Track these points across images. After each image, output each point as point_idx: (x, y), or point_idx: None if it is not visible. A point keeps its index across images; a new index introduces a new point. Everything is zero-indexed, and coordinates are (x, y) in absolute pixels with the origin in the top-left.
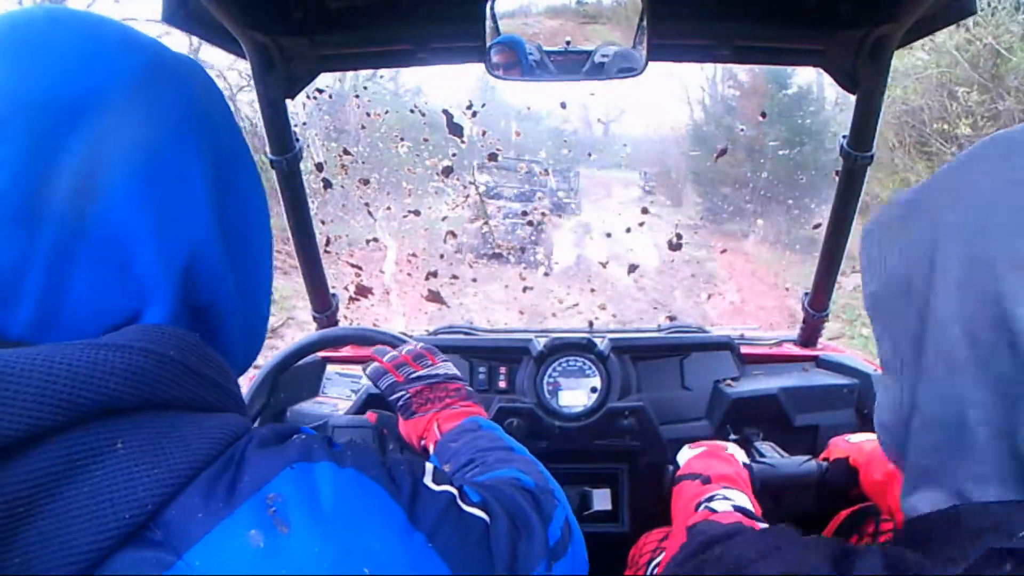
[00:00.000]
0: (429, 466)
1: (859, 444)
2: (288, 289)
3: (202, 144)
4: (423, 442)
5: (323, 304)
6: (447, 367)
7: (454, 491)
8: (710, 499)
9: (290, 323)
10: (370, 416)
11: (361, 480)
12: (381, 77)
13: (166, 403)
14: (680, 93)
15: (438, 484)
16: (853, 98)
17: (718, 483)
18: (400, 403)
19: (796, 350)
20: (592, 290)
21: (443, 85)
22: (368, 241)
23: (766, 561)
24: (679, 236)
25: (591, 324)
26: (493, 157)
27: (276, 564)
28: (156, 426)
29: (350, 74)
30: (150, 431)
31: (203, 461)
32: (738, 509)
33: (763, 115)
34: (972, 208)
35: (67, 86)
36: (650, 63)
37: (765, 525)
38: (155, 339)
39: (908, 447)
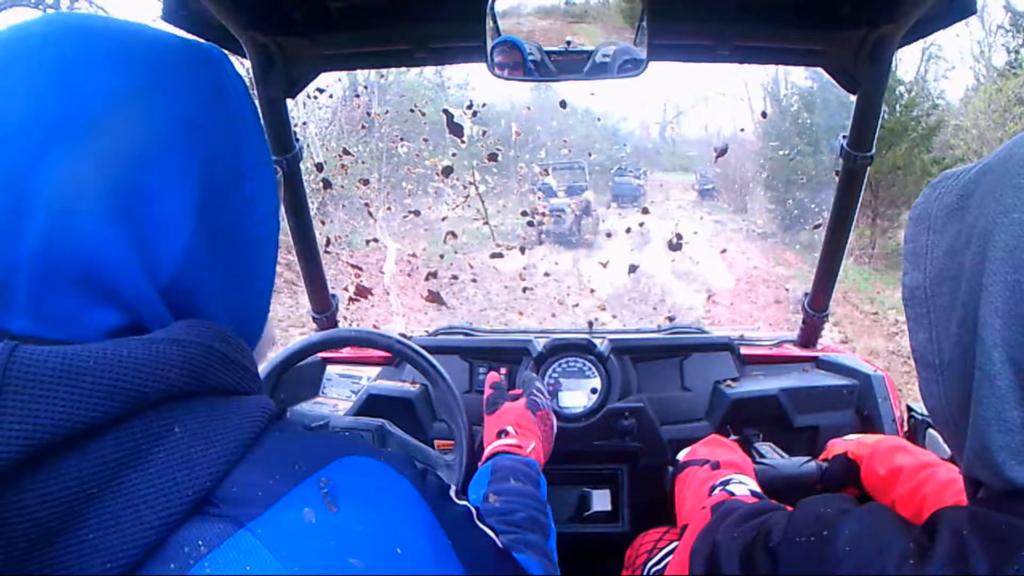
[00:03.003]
0: (452, 486)
1: (859, 439)
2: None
3: (192, 157)
4: (507, 430)
5: (323, 305)
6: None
7: (472, 509)
8: (726, 482)
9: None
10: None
11: (397, 477)
12: (420, 73)
13: (211, 389)
14: (741, 90)
15: (459, 499)
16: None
17: (728, 468)
18: (531, 399)
19: (796, 351)
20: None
21: (488, 79)
22: (368, 241)
23: (847, 518)
24: (679, 236)
25: (591, 325)
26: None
27: (326, 536)
28: (205, 410)
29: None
30: (201, 415)
31: (249, 439)
32: (755, 494)
33: (763, 115)
34: (1018, 226)
35: (43, 109)
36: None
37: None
38: (202, 333)
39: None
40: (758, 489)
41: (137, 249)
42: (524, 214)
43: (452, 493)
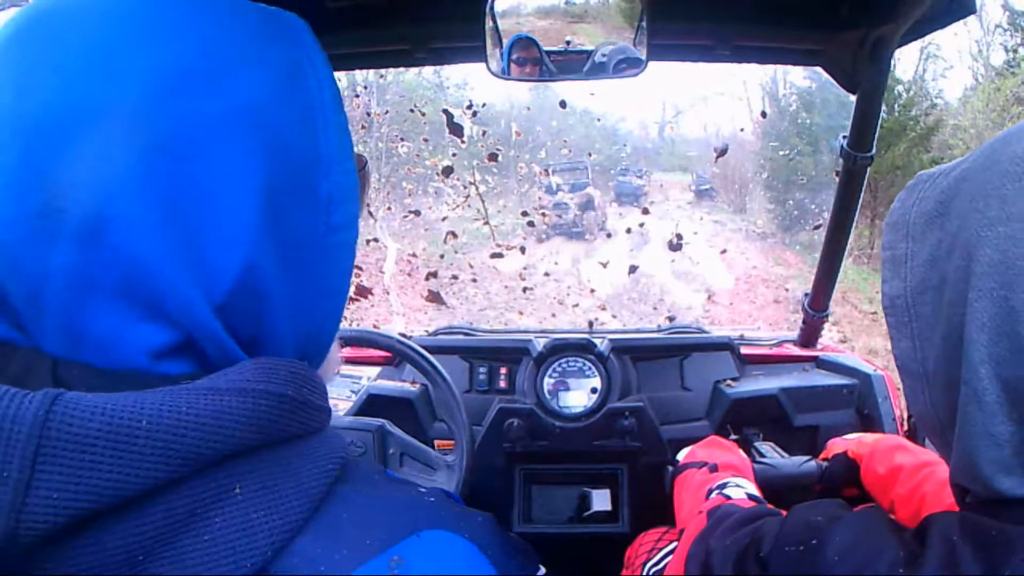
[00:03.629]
0: (542, 569)
1: (859, 438)
2: None
3: (256, 151)
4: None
5: None
6: None
7: None
8: (723, 486)
9: None
10: None
11: (474, 553)
12: (419, 73)
13: (280, 440)
14: (740, 90)
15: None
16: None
17: (726, 471)
18: None
19: (796, 350)
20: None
21: (487, 79)
22: (368, 241)
23: (837, 525)
24: (679, 236)
25: (591, 325)
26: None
27: None
28: (271, 464)
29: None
30: (265, 470)
31: (319, 497)
32: (752, 497)
33: (763, 115)
34: (1010, 239)
35: (64, 98)
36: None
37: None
38: (273, 378)
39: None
40: (756, 492)
41: (188, 259)
42: (524, 214)
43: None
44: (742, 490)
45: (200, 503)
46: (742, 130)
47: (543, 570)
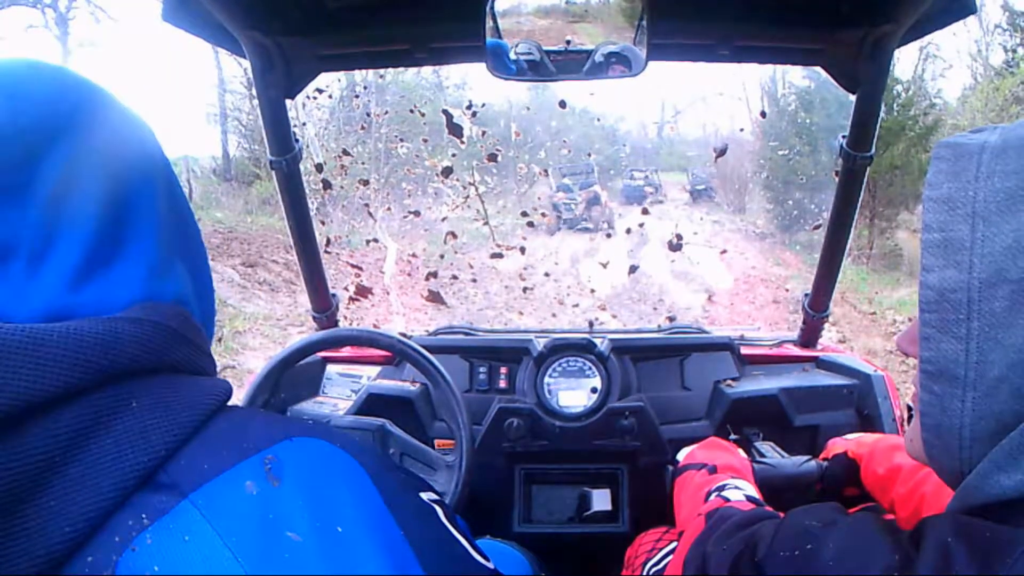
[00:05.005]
0: (433, 494)
1: (858, 438)
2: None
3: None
4: None
5: (323, 304)
6: None
7: (437, 507)
8: (721, 488)
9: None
10: None
11: (349, 460)
12: (418, 72)
13: (169, 367)
14: (738, 90)
15: (427, 497)
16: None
17: (725, 472)
18: None
19: (796, 350)
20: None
21: (486, 79)
22: (368, 241)
23: (832, 530)
24: (679, 236)
25: (591, 324)
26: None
27: (265, 508)
28: (163, 387)
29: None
30: (158, 391)
31: (204, 415)
32: (750, 499)
33: (763, 114)
34: None
35: (42, 119)
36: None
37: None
38: (159, 313)
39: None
40: (755, 493)
41: (125, 241)
42: (524, 214)
43: (423, 493)
44: (741, 492)
45: (103, 411)
46: (741, 130)
47: (435, 495)
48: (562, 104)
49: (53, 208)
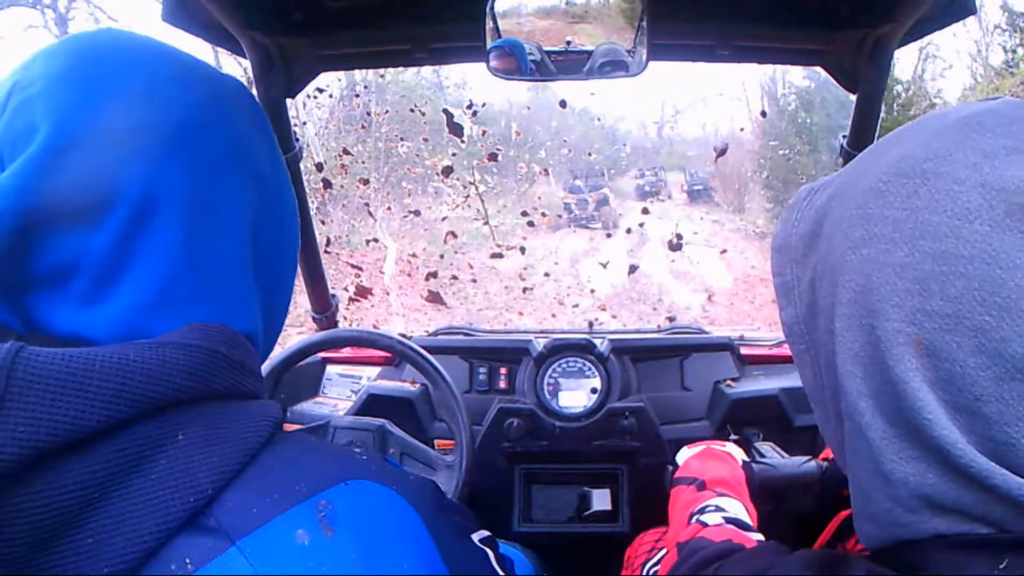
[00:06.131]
0: (484, 532)
1: None
2: None
3: (242, 176)
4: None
5: (323, 305)
6: None
7: (490, 552)
8: (703, 510)
9: None
10: None
11: (406, 508)
12: (418, 72)
13: (217, 394)
14: (738, 91)
15: (479, 541)
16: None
17: (712, 488)
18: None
19: None
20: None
21: (486, 79)
22: (368, 241)
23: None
24: (679, 236)
25: (591, 325)
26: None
27: (317, 561)
28: (210, 416)
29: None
30: (206, 421)
31: (254, 449)
32: (730, 521)
33: (763, 114)
34: (873, 262)
35: (130, 119)
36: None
37: (758, 536)
38: (209, 337)
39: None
40: (737, 512)
41: (194, 257)
42: (524, 214)
43: (475, 535)
44: (720, 514)
45: (147, 445)
46: (742, 129)
47: (486, 532)
48: (562, 104)
49: (127, 228)
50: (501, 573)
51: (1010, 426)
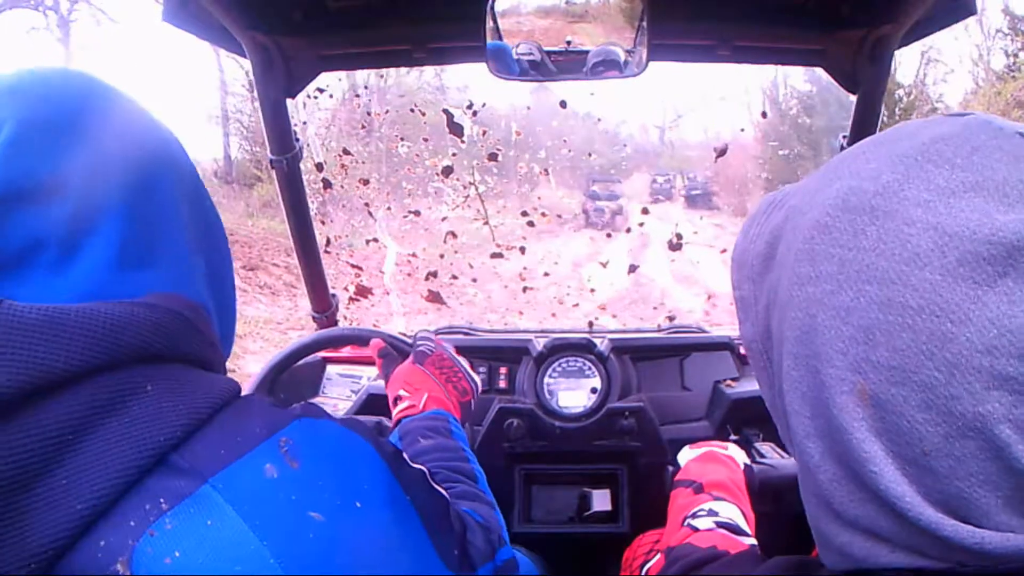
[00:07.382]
0: (404, 451)
1: None
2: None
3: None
4: (400, 394)
5: (323, 304)
6: (472, 375)
7: (425, 469)
8: (695, 514)
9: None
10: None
11: (355, 438)
12: (421, 73)
13: (181, 357)
14: (740, 94)
15: (413, 463)
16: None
17: (709, 491)
18: (416, 352)
19: None
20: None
21: (486, 80)
22: (368, 241)
23: None
24: (679, 236)
25: (591, 324)
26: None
27: (287, 491)
28: (177, 375)
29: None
30: (173, 379)
31: (217, 404)
32: (722, 525)
33: (764, 115)
34: (817, 302)
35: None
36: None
37: (751, 540)
38: (172, 301)
39: None
40: (731, 516)
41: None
42: (524, 214)
43: (406, 456)
44: (711, 519)
45: (119, 392)
46: (742, 130)
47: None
48: (563, 104)
49: (77, 205)
50: (440, 489)
51: (962, 481)
